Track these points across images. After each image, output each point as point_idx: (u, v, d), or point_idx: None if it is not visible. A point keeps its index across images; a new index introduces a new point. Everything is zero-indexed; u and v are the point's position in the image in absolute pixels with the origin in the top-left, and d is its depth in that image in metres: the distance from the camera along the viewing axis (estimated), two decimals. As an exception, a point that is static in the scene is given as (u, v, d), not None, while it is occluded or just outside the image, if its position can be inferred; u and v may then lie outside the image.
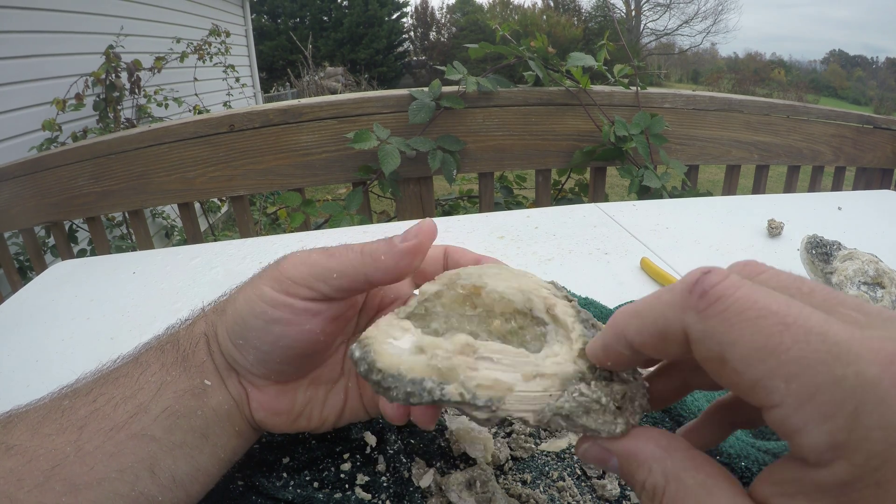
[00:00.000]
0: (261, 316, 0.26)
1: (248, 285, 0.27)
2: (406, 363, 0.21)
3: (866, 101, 14.77)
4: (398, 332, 0.23)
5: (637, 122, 1.21)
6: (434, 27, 15.67)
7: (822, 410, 0.14)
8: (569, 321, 0.23)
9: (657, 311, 0.18)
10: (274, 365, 0.27)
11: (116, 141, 1.18)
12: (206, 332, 0.28)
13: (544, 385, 0.21)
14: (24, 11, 2.22)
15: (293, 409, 0.29)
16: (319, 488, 0.32)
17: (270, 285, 0.26)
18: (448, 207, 1.76)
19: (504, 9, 16.24)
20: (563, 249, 0.67)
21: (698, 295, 0.17)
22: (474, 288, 0.25)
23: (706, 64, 18.84)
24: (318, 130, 1.19)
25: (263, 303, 0.26)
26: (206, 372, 0.27)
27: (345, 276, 0.26)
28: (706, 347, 0.16)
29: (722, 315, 0.16)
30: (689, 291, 0.17)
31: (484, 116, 1.24)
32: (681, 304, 0.17)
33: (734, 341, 0.16)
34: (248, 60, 5.18)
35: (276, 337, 0.26)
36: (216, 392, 0.27)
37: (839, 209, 0.79)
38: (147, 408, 0.25)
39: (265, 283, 0.26)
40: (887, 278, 0.43)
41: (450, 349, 0.21)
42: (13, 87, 2.17)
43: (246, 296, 0.27)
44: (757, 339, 0.15)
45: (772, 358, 0.15)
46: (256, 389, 0.28)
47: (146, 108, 2.75)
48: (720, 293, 0.16)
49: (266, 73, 9.95)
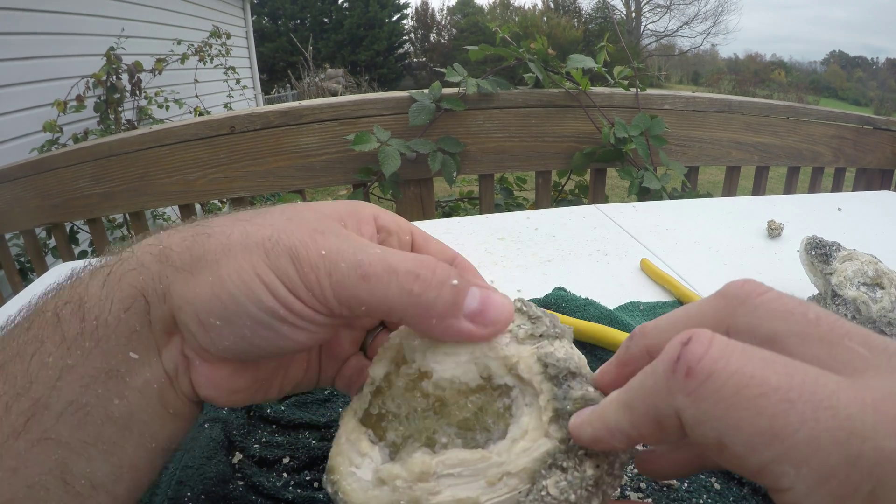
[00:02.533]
0: (266, 310, 0.20)
1: (240, 253, 0.21)
2: (372, 500, 0.21)
3: (866, 102, 14.77)
4: (358, 459, 0.22)
5: (637, 123, 1.21)
6: (434, 29, 15.69)
7: (838, 493, 0.13)
8: (535, 380, 0.21)
9: (646, 402, 0.16)
10: (254, 356, 0.22)
11: (117, 142, 1.18)
12: (147, 291, 0.21)
13: (512, 485, 0.19)
14: (26, 13, 2.23)
15: (251, 387, 0.24)
16: (319, 488, 0.32)
17: (280, 275, 0.20)
18: (448, 209, 1.76)
19: (504, 10, 16.26)
20: (563, 251, 0.67)
21: (683, 374, 0.15)
22: (420, 374, 0.22)
23: (706, 65, 18.85)
24: (319, 132, 1.19)
25: (272, 295, 0.20)
26: (133, 343, 0.21)
27: (374, 312, 0.21)
28: (701, 433, 0.15)
29: (717, 396, 0.14)
30: (673, 372, 0.15)
31: (484, 118, 1.24)
32: (666, 389, 0.15)
33: (733, 426, 0.14)
34: (248, 62, 5.19)
35: (277, 336, 0.21)
36: (143, 367, 0.21)
37: (839, 210, 0.79)
38: (47, 404, 0.19)
39: (271, 268, 0.20)
40: (887, 279, 0.43)
41: (408, 478, 0.20)
42: (14, 88, 2.17)
43: (241, 273, 0.20)
44: (759, 422, 0.13)
45: (778, 442, 0.13)
46: (206, 363, 0.22)
47: (147, 109, 2.76)
48: (709, 370, 0.14)
49: (267, 75, 9.96)
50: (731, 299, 0.18)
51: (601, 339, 0.43)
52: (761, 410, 0.13)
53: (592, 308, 0.47)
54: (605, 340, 0.42)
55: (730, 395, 0.14)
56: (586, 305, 0.47)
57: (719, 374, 0.14)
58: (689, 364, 0.15)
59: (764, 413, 0.13)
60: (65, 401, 0.20)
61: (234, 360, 0.22)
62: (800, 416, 0.13)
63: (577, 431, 0.19)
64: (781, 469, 0.13)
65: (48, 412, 0.19)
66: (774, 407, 0.13)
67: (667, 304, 0.52)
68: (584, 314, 0.46)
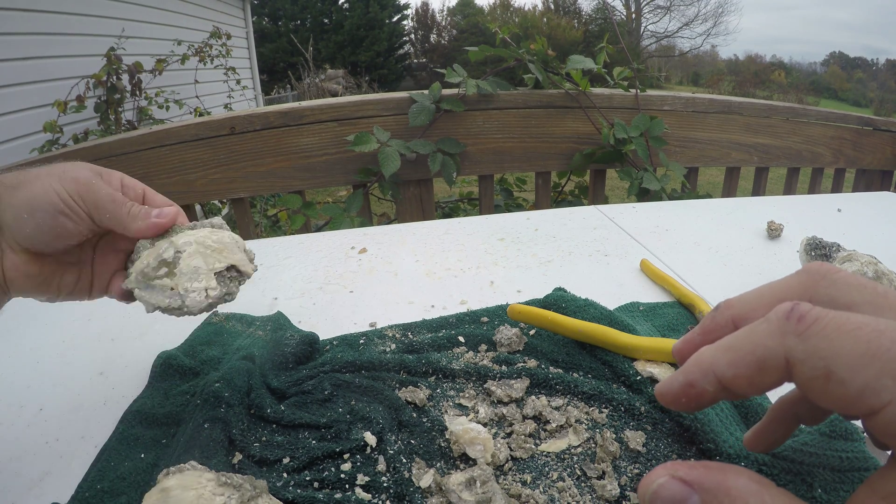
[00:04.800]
0: (53, 205, 0.33)
1: (46, 177, 0.34)
2: None
3: (866, 103, 14.78)
4: None
5: (637, 124, 1.22)
6: (434, 30, 15.70)
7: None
8: None
9: (754, 342, 0.19)
10: (43, 241, 0.34)
11: (117, 143, 1.18)
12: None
13: None
14: (26, 13, 2.23)
15: (39, 275, 0.36)
16: (319, 488, 0.32)
17: (66, 188, 0.34)
18: (448, 209, 1.76)
19: (504, 11, 16.27)
20: (562, 251, 0.67)
21: (796, 319, 0.18)
22: None
23: (706, 66, 18.87)
24: (319, 133, 1.19)
25: (58, 197, 0.33)
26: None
27: (110, 222, 0.36)
28: (810, 366, 0.17)
29: (822, 333, 0.17)
30: (787, 318, 0.18)
31: (484, 119, 1.24)
32: (780, 331, 0.18)
33: (838, 353, 0.17)
34: (248, 63, 5.19)
35: (58, 223, 0.34)
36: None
37: (839, 211, 0.79)
38: None
39: (62, 184, 0.34)
40: (886, 280, 0.43)
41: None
42: (14, 88, 2.17)
43: (44, 185, 0.34)
44: (858, 346, 0.16)
45: (876, 360, 0.16)
46: (13, 252, 0.35)
47: (147, 110, 2.76)
48: (816, 315, 0.18)
49: (267, 76, 9.96)
50: (813, 274, 0.22)
51: (601, 339, 0.43)
52: (858, 338, 0.17)
53: (592, 308, 0.47)
54: (605, 341, 0.43)
55: (833, 331, 0.17)
56: (586, 306, 0.47)
57: (824, 318, 0.18)
58: (800, 313, 0.18)
59: (860, 340, 0.17)
60: None
61: (32, 250, 0.35)
62: (890, 339, 0.16)
63: (664, 386, 0.22)
64: (881, 384, 0.16)
65: None
66: (869, 335, 0.17)
67: (667, 304, 0.52)
68: (584, 314, 0.46)
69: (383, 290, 0.58)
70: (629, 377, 0.40)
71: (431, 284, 0.59)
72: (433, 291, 0.57)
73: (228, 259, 0.37)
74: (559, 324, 0.44)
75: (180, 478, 0.27)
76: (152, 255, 0.37)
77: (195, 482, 0.26)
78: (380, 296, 0.57)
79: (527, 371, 0.41)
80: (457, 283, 0.59)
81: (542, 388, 0.40)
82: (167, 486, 0.26)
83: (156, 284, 0.36)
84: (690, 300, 0.51)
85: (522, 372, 0.41)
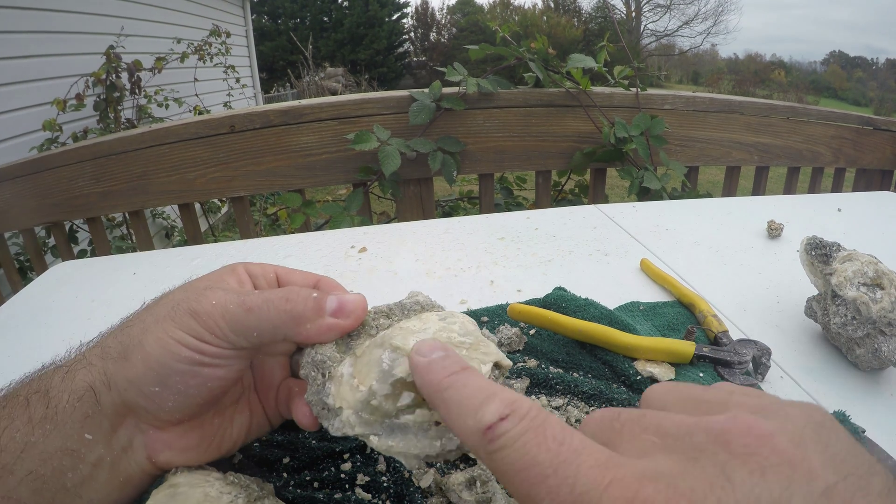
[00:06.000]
0: (186, 360, 0.25)
1: (154, 328, 0.26)
2: None
3: (866, 103, 14.78)
4: None
5: (637, 123, 1.21)
6: (434, 28, 15.68)
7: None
8: None
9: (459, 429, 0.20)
10: (195, 406, 0.27)
11: (117, 141, 1.18)
12: (94, 383, 0.26)
13: None
14: (25, 11, 2.23)
15: (203, 441, 0.28)
16: (319, 488, 0.32)
17: (187, 330, 0.26)
18: (448, 208, 1.76)
19: (504, 10, 16.25)
20: (563, 251, 0.67)
21: (488, 439, 0.19)
22: None
23: (706, 65, 18.86)
24: (319, 131, 1.19)
25: (186, 347, 0.25)
26: (88, 426, 0.25)
27: (265, 334, 0.26)
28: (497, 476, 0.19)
29: (500, 460, 0.18)
30: (482, 434, 0.19)
31: (484, 118, 1.24)
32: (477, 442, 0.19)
33: (508, 485, 0.18)
34: (248, 61, 5.19)
35: (203, 378, 0.26)
36: (97, 445, 0.26)
37: (839, 210, 0.79)
38: (11, 470, 0.24)
39: (180, 328, 0.26)
40: (886, 279, 0.43)
41: None
42: (14, 87, 2.17)
43: (159, 340, 0.26)
44: (522, 488, 0.17)
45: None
46: (159, 430, 0.27)
47: (147, 108, 2.75)
48: (503, 443, 0.18)
49: (266, 74, 9.95)
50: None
51: (601, 339, 0.43)
52: (523, 480, 0.17)
53: (592, 308, 0.47)
54: (606, 340, 0.43)
55: (507, 464, 0.18)
56: (586, 305, 0.47)
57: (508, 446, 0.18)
58: (494, 432, 0.18)
59: (525, 482, 0.17)
60: (26, 469, 0.24)
61: (182, 419, 0.27)
62: (547, 488, 0.17)
63: None
64: None
65: (12, 477, 0.24)
66: (533, 478, 0.17)
67: (666, 304, 0.52)
68: (585, 314, 0.46)
69: (383, 289, 0.58)
70: (629, 377, 0.40)
71: (431, 284, 0.59)
72: (433, 291, 0.57)
73: (489, 355, 0.25)
74: (559, 323, 0.44)
75: (189, 476, 0.27)
76: (368, 372, 0.25)
77: (203, 480, 0.26)
78: (380, 295, 0.57)
79: (527, 371, 0.41)
80: (457, 282, 0.59)
81: (543, 387, 0.40)
82: (176, 482, 0.26)
83: (405, 422, 0.24)
84: (690, 300, 0.51)
85: (522, 372, 0.41)
